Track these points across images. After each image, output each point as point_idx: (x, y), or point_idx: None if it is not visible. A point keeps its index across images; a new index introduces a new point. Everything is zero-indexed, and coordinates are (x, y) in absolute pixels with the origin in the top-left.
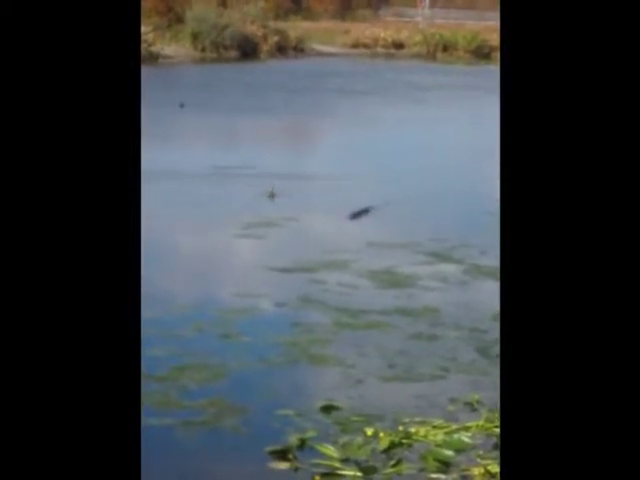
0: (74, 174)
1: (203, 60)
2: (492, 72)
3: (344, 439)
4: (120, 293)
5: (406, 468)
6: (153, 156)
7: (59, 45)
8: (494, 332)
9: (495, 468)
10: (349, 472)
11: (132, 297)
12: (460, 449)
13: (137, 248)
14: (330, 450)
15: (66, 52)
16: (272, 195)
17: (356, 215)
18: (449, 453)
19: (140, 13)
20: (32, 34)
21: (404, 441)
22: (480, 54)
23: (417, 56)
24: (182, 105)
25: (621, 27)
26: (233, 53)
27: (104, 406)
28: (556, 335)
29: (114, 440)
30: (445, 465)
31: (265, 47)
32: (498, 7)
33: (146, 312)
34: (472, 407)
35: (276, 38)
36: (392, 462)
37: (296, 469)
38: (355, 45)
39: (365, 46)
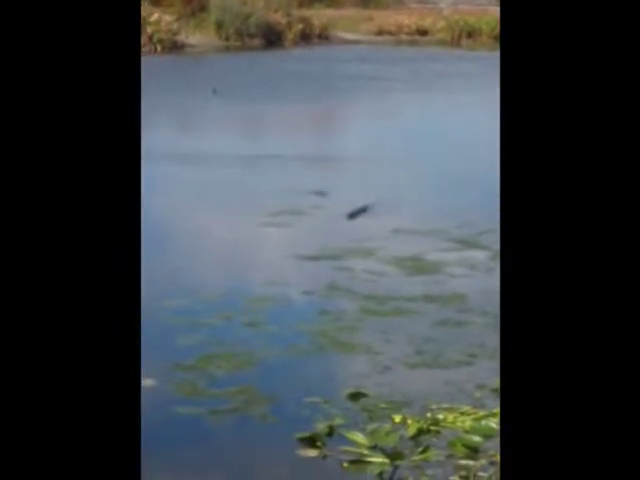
0: (72, 167)
1: (227, 49)
2: None
3: (372, 426)
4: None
5: (434, 454)
6: (180, 143)
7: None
8: None
9: None
10: (377, 459)
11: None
12: (488, 435)
13: (137, 242)
14: (358, 437)
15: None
16: (321, 194)
17: (354, 215)
18: (477, 439)
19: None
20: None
21: (432, 428)
22: None
23: (441, 43)
24: (215, 91)
25: (623, 19)
26: (257, 41)
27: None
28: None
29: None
30: (473, 451)
31: (289, 35)
32: None
33: (174, 301)
34: (499, 393)
35: (300, 26)
36: (420, 449)
37: (325, 456)
38: (379, 32)
39: (389, 33)
